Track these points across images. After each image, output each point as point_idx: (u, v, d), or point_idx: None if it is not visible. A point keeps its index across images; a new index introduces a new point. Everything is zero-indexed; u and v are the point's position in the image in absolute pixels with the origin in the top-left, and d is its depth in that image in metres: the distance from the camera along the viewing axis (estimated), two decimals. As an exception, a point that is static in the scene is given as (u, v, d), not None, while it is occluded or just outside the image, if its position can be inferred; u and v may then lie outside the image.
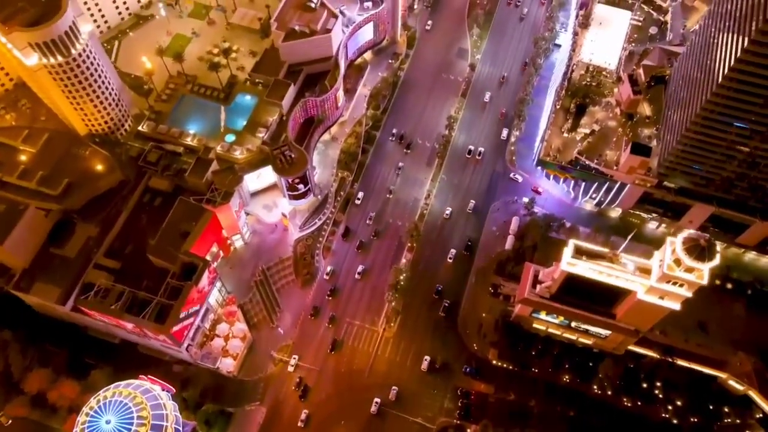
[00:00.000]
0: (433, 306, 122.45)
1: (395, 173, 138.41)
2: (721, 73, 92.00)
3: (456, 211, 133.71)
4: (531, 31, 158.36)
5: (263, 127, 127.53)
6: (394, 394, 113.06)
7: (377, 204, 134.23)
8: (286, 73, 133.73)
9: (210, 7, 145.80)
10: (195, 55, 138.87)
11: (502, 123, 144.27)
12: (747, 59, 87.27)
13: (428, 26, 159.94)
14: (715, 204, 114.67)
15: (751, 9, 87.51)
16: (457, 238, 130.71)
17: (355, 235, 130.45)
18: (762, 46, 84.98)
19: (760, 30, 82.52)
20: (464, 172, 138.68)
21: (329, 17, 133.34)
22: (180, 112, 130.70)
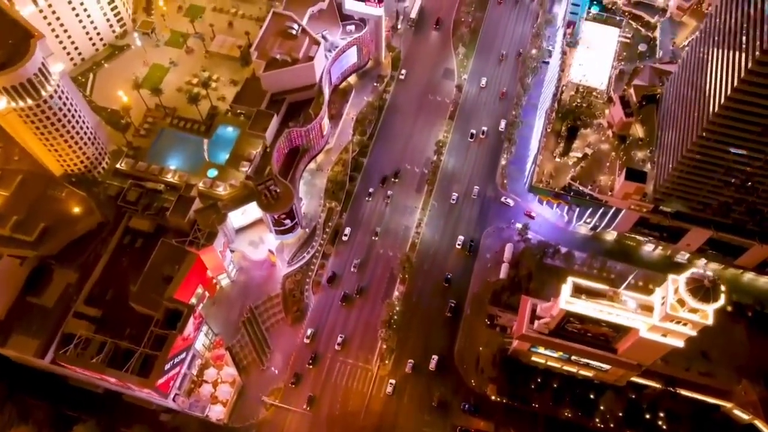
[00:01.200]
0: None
1: (384, 202, 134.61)
2: (718, 101, 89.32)
3: (448, 238, 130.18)
4: (518, 48, 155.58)
5: (246, 160, 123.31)
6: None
7: (366, 235, 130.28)
8: (268, 103, 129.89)
9: (187, 35, 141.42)
10: (173, 86, 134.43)
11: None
12: (744, 89, 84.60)
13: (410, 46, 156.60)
14: (713, 228, 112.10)
15: (746, 35, 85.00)
16: (449, 266, 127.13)
17: (342, 277, 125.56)
18: (759, 76, 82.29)
19: (757, 60, 79.79)
20: (456, 197, 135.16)
21: (311, 44, 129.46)
22: (159, 147, 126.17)
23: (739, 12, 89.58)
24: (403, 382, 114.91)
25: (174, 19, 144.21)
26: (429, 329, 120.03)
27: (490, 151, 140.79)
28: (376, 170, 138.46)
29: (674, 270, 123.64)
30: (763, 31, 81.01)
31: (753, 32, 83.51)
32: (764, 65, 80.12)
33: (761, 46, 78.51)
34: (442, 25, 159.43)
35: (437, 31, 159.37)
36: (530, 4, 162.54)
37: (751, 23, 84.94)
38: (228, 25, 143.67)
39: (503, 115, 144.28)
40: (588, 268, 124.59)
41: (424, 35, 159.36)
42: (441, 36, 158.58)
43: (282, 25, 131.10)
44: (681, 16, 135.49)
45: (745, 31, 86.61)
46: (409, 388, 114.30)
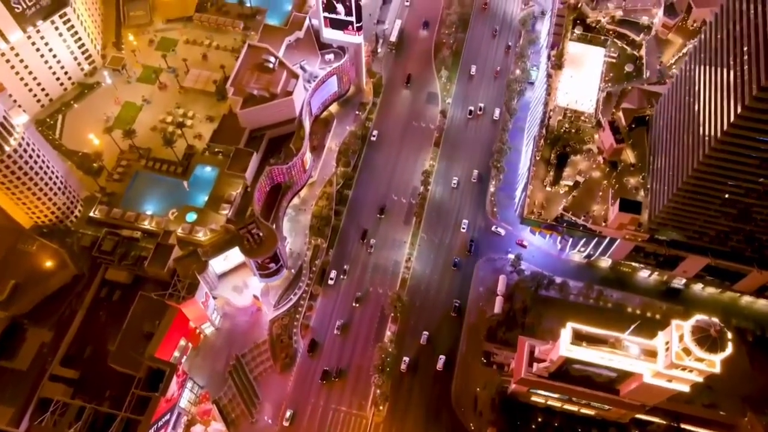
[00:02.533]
0: (423, 384, 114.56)
1: (372, 234, 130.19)
2: (713, 135, 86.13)
3: (439, 272, 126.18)
4: (502, 69, 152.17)
5: (227, 202, 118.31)
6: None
7: (354, 273, 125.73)
8: (247, 140, 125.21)
9: (160, 70, 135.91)
10: (147, 125, 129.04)
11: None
12: (741, 124, 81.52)
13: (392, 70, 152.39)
14: (710, 255, 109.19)
15: (741, 59, 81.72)
16: (442, 302, 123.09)
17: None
18: (756, 112, 79.19)
19: (755, 97, 76.67)
20: (445, 229, 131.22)
21: (289, 78, 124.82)
22: (135, 192, 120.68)
23: (734, 32, 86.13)
24: (399, 428, 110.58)
25: (145, 53, 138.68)
26: (424, 371, 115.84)
27: (478, 178, 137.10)
28: (361, 203, 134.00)
29: (671, 296, 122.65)
30: (760, 59, 77.66)
31: (750, 57, 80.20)
32: (762, 101, 77.00)
33: (758, 81, 75.28)
34: (423, 48, 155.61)
35: (419, 54, 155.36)
36: (512, 23, 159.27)
37: (747, 45, 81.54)
38: (202, 57, 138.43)
39: (490, 140, 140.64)
40: (584, 298, 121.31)
41: (405, 59, 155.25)
42: (422, 59, 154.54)
43: (258, 59, 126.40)
44: (666, 34, 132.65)
45: (740, 54, 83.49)
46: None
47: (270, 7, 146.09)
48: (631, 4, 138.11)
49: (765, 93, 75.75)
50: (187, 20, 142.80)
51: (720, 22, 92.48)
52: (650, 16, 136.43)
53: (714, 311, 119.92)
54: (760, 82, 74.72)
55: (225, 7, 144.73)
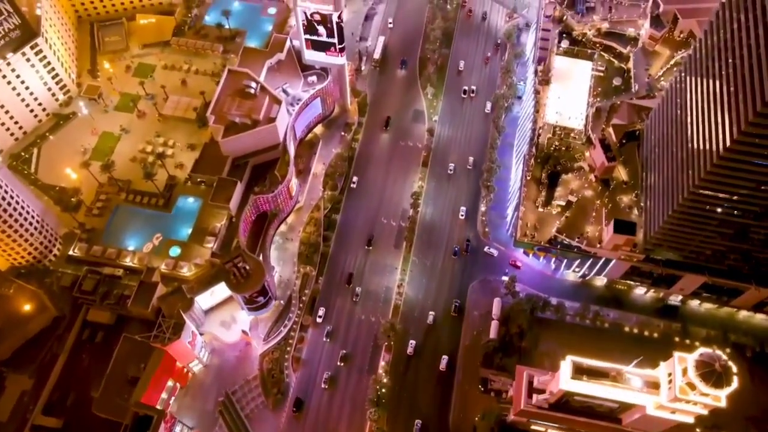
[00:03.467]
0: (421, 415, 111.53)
1: (362, 261, 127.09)
2: (708, 159, 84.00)
3: (432, 297, 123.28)
4: (488, 82, 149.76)
5: (211, 234, 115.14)
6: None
7: (344, 302, 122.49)
8: (230, 168, 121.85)
9: (138, 98, 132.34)
10: (126, 156, 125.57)
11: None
12: (736, 149, 79.37)
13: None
14: (707, 274, 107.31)
15: (735, 79, 79.47)
16: (436, 327, 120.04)
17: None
18: (751, 137, 77.13)
19: (750, 122, 74.60)
20: (436, 252, 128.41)
21: (271, 103, 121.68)
22: (115, 227, 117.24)
23: (727, 44, 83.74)
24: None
25: (122, 80, 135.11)
26: (420, 401, 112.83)
27: (468, 198, 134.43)
28: (350, 228, 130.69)
29: (668, 313, 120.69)
30: (754, 80, 75.49)
31: (743, 76, 77.86)
32: (758, 126, 74.95)
33: (754, 106, 73.17)
34: (407, 64, 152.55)
35: (403, 71, 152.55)
36: (497, 36, 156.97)
37: (740, 60, 79.44)
38: (181, 83, 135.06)
39: (478, 157, 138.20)
40: (580, 319, 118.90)
41: (390, 76, 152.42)
42: (407, 76, 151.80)
43: (239, 84, 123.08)
44: (654, 45, 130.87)
45: (734, 67, 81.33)
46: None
47: (250, 28, 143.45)
48: (616, 16, 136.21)
49: (760, 118, 73.62)
50: (165, 45, 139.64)
51: (712, 34, 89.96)
52: (636, 28, 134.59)
53: (711, 327, 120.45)
54: (756, 107, 72.61)
55: (203, 30, 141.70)
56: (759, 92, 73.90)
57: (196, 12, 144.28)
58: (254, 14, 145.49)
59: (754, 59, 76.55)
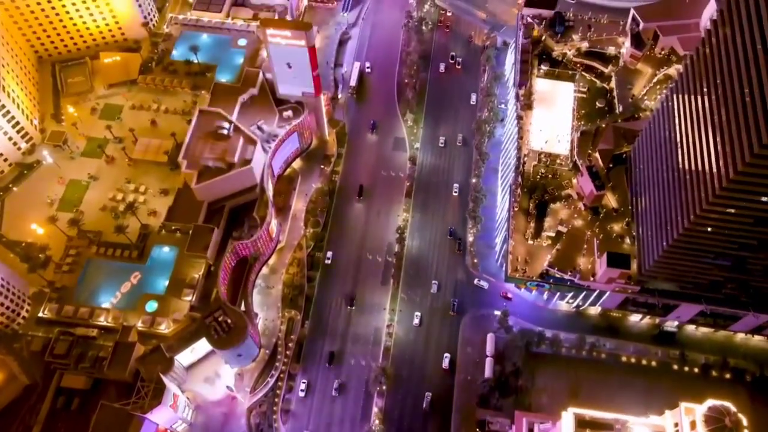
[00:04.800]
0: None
1: (349, 300, 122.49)
2: (704, 200, 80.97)
3: (423, 335, 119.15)
4: (469, 104, 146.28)
5: (189, 287, 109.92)
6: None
7: (335, 343, 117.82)
8: (206, 213, 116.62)
9: (106, 142, 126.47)
10: (96, 205, 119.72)
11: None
12: (732, 187, 76.42)
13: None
14: (704, 302, 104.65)
15: (731, 113, 76.59)
16: (430, 368, 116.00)
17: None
18: (747, 176, 74.18)
19: (748, 163, 71.56)
20: (425, 287, 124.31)
21: (246, 144, 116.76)
22: (87, 283, 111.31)
23: (721, 66, 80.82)
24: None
25: (88, 124, 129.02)
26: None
27: (455, 228, 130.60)
28: (335, 266, 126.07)
29: (665, 339, 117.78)
30: (749, 119, 72.52)
31: (740, 105, 74.74)
32: (755, 167, 71.99)
33: (749, 151, 70.12)
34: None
35: (382, 98, 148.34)
36: (476, 56, 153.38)
37: (737, 80, 76.46)
38: (150, 123, 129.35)
39: (463, 184, 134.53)
40: (577, 351, 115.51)
41: (367, 103, 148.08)
42: (385, 103, 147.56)
43: (211, 125, 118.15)
44: (635, 64, 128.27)
45: (726, 90, 78.56)
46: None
47: (220, 62, 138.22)
48: (596, 35, 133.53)
49: (758, 159, 70.63)
50: (132, 84, 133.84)
51: (704, 50, 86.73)
52: (616, 46, 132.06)
53: (710, 351, 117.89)
54: (752, 149, 69.59)
55: (172, 66, 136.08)
56: (754, 130, 70.89)
57: (163, 47, 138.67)
58: (224, 47, 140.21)
59: (745, 81, 73.88)
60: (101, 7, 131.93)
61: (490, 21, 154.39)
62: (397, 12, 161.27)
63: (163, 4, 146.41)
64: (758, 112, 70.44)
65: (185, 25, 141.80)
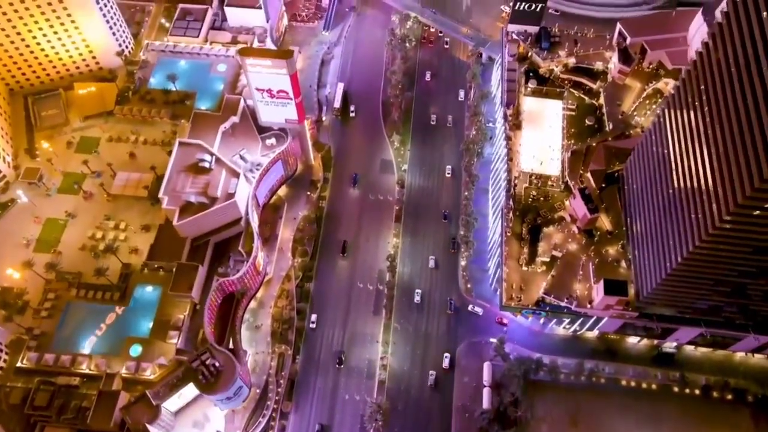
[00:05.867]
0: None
1: (341, 333, 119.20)
2: (704, 231, 78.59)
3: (419, 365, 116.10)
4: (457, 125, 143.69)
5: (174, 328, 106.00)
6: None
7: (326, 381, 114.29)
8: (189, 250, 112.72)
9: (83, 177, 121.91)
10: (74, 245, 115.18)
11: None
12: (733, 219, 74.09)
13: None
14: (703, 325, 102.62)
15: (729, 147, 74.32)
16: (427, 401, 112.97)
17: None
18: (747, 209, 71.88)
19: (742, 202, 69.22)
20: (419, 315, 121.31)
21: (229, 177, 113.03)
22: (68, 328, 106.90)
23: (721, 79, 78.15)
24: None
25: (64, 158, 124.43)
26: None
27: (447, 253, 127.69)
28: (324, 297, 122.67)
29: (664, 361, 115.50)
30: (748, 151, 69.99)
31: (737, 135, 72.39)
32: (755, 200, 69.72)
33: (750, 185, 67.76)
34: (370, 110, 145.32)
35: (367, 118, 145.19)
36: (462, 72, 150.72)
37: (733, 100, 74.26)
38: (129, 156, 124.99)
39: (452, 206, 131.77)
40: (575, 377, 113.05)
41: (352, 125, 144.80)
42: (371, 124, 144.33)
43: (192, 158, 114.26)
44: (623, 79, 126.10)
45: (721, 112, 76.47)
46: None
47: (199, 89, 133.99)
48: (582, 50, 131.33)
49: (758, 192, 68.33)
50: (108, 115, 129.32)
51: (701, 66, 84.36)
52: (604, 61, 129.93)
53: (709, 371, 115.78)
54: (753, 184, 67.25)
55: (149, 95, 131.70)
56: (754, 161, 68.55)
57: (140, 75, 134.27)
58: (203, 73, 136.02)
59: (741, 104, 71.68)
60: (73, 36, 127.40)
61: (474, 36, 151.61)
62: (379, 29, 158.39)
63: (139, 30, 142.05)
64: (758, 143, 68.07)
65: (162, 52, 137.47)
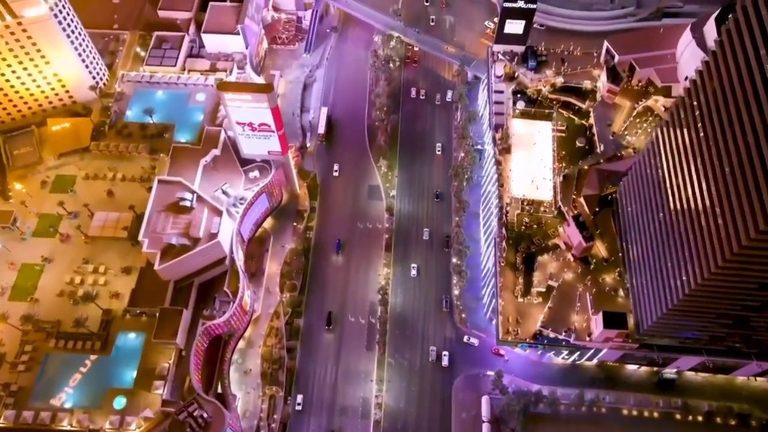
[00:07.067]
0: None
1: (332, 369, 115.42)
2: (706, 270, 75.97)
3: (415, 402, 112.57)
4: (444, 144, 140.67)
5: (159, 378, 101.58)
6: None
7: (321, 419, 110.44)
8: (173, 293, 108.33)
9: (58, 219, 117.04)
10: (52, 291, 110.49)
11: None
12: (734, 259, 71.44)
13: (336, 172, 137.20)
14: (705, 354, 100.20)
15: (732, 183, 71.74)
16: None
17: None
18: (750, 249, 69.25)
19: (746, 244, 66.59)
20: (413, 350, 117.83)
21: (212, 216, 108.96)
22: (47, 382, 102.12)
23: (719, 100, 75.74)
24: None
25: (39, 199, 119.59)
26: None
27: (442, 283, 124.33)
28: (314, 333, 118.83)
29: (665, 387, 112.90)
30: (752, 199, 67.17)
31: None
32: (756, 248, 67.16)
33: (754, 227, 65.13)
34: (356, 135, 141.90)
35: (353, 143, 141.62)
36: (447, 92, 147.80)
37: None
38: (107, 194, 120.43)
39: (442, 231, 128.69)
40: (576, 408, 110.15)
41: (338, 150, 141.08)
42: (356, 149, 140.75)
43: (172, 197, 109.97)
44: (613, 99, 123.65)
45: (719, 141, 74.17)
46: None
47: (178, 120, 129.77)
48: (570, 69, 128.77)
49: (764, 234, 65.69)
50: (84, 151, 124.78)
51: (701, 87, 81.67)
52: (592, 79, 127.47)
53: (711, 397, 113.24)
54: (757, 226, 64.56)
55: (126, 128, 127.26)
56: (761, 213, 65.70)
57: (116, 108, 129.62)
58: (181, 103, 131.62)
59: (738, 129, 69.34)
60: (44, 71, 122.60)
61: (459, 55, 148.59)
62: (362, 49, 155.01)
63: (113, 60, 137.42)
64: (761, 183, 65.42)
65: (138, 83, 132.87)
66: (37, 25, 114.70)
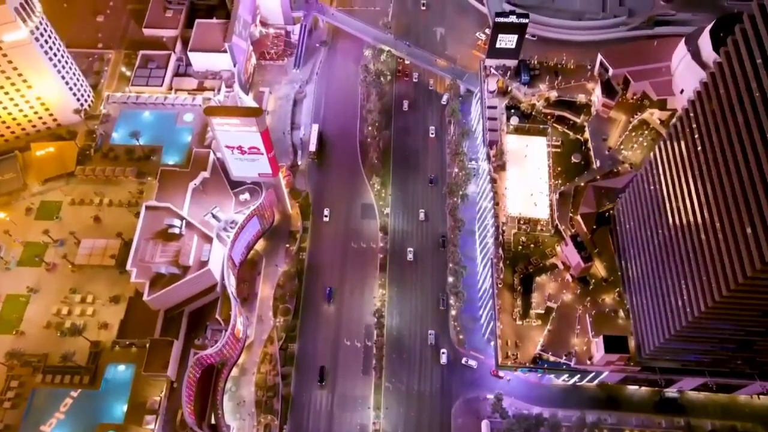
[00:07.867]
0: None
1: (328, 398, 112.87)
2: (710, 298, 74.08)
3: (413, 427, 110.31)
4: (438, 159, 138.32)
5: (150, 412, 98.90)
6: None
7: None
8: (163, 323, 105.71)
9: (44, 247, 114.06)
10: (38, 323, 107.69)
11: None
12: (740, 288, 69.55)
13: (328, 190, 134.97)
14: (708, 375, 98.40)
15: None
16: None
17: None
18: (757, 279, 67.38)
19: (751, 275, 64.76)
20: (411, 372, 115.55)
21: (202, 243, 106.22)
22: (34, 418, 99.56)
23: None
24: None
25: (23, 227, 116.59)
26: None
27: (435, 302, 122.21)
28: (309, 359, 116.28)
29: (667, 407, 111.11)
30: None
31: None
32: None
33: (761, 258, 63.26)
34: (347, 152, 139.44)
35: (345, 161, 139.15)
36: (438, 105, 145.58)
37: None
38: (94, 220, 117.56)
39: (435, 249, 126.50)
40: (578, 430, 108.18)
41: (329, 168, 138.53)
42: (349, 167, 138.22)
43: (160, 223, 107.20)
44: (608, 112, 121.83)
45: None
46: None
47: (165, 142, 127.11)
48: (563, 82, 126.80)
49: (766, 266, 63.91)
50: (69, 176, 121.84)
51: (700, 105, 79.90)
52: (586, 93, 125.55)
53: (714, 415, 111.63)
54: (763, 258, 62.68)
55: (112, 152, 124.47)
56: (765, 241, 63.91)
57: (102, 131, 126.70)
58: (169, 124, 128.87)
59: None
60: (27, 95, 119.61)
61: (451, 69, 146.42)
62: (352, 63, 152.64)
63: (98, 81, 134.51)
64: (765, 211, 63.59)
65: (124, 104, 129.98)
66: (17, 50, 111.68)
